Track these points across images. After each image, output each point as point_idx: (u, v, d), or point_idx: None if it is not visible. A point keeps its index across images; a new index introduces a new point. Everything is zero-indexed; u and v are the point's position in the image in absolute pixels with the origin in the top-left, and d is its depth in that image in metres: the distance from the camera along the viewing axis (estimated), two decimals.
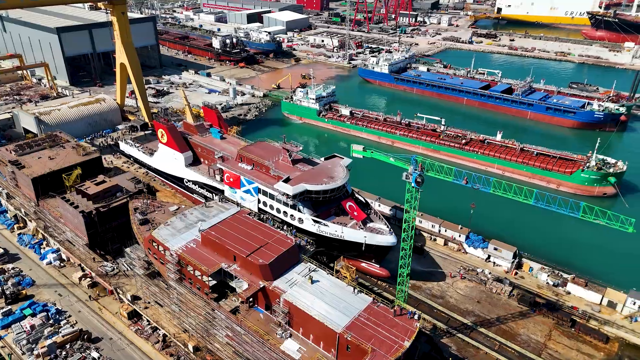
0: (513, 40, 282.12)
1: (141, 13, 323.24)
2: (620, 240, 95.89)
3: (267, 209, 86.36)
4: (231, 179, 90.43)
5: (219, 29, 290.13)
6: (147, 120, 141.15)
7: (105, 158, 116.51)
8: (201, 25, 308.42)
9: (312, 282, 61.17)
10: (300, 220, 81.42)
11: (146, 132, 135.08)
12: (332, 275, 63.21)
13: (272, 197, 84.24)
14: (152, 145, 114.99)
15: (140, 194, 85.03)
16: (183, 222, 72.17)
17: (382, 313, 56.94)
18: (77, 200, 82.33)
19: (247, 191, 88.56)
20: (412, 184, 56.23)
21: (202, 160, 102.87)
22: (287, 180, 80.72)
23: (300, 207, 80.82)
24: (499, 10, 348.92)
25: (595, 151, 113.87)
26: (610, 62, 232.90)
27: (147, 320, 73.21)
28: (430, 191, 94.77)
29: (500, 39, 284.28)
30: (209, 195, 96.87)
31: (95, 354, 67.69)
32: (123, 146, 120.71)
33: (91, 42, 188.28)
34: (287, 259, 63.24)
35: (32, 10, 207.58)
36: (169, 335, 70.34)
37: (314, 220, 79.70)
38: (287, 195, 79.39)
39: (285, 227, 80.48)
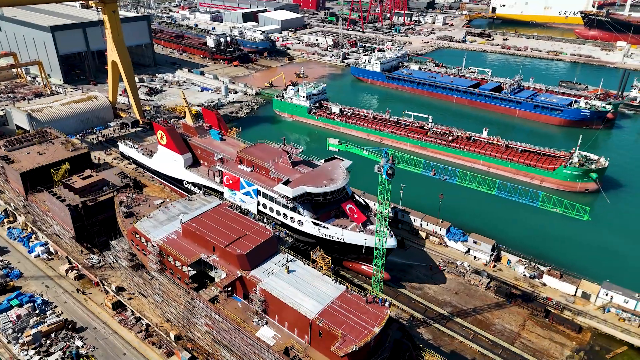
0: (506, 39, 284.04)
1: (137, 12, 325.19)
2: (595, 233, 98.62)
3: (267, 211, 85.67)
4: (231, 181, 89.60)
5: (213, 28, 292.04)
6: (138, 117, 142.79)
7: (95, 154, 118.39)
8: (196, 25, 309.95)
9: (289, 271, 62.97)
10: (300, 223, 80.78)
11: (137, 129, 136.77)
12: (309, 266, 65.03)
13: (271, 199, 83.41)
14: (151, 147, 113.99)
15: (126, 188, 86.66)
16: (166, 214, 73.99)
17: (355, 301, 58.73)
18: (64, 194, 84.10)
19: (247, 193, 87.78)
20: (384, 176, 57.98)
21: (201, 162, 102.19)
22: (287, 183, 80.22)
23: (300, 210, 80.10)
24: (494, 9, 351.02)
25: (577, 148, 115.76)
26: (602, 61, 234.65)
27: (131, 311, 74.90)
28: (414, 187, 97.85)
29: (493, 38, 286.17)
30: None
31: (79, 343, 69.47)
32: (122, 147, 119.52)
33: (85, 41, 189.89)
34: (264, 249, 65.04)
35: (27, 9, 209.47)
36: (151, 325, 72.07)
37: (314, 223, 79.06)
38: (287, 197, 78.50)
39: (266, 221, 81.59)
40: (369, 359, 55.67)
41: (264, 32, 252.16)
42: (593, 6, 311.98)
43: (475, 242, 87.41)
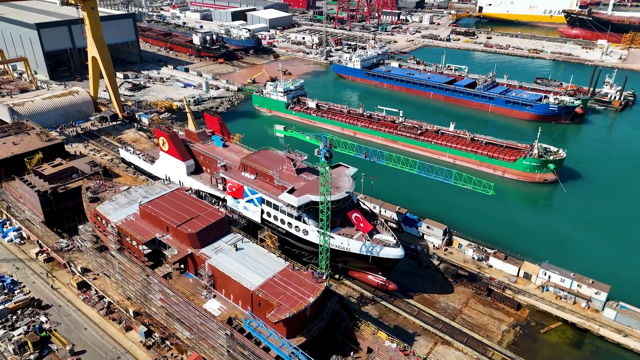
0: (490, 38, 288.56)
1: (128, 10, 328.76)
2: (547, 220, 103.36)
3: (271, 219, 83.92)
4: (234, 189, 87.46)
5: (201, 26, 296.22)
6: (118, 111, 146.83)
7: (74, 146, 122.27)
8: (184, 23, 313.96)
9: (237, 249, 67.14)
10: (305, 232, 79.30)
11: (116, 122, 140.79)
12: (257, 244, 69.27)
13: (276, 207, 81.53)
14: (153, 153, 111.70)
15: (95, 176, 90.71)
16: (127, 198, 78.14)
17: (295, 275, 62.90)
18: (35, 181, 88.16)
19: (251, 201, 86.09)
20: (322, 159, 62.27)
21: (204, 168, 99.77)
22: (291, 191, 78.83)
23: (305, 219, 78.56)
24: (481, 9, 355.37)
25: (538, 140, 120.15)
26: (581, 59, 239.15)
27: (95, 290, 79.13)
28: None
29: (477, 37, 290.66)
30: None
31: (43, 319, 73.67)
32: (123, 153, 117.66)
33: (70, 38, 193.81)
34: (215, 229, 69.19)
35: (13, 7, 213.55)
36: (113, 303, 76.32)
37: (319, 232, 76.03)
38: (292, 206, 76.61)
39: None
40: (306, 327, 59.84)
41: (249, 30, 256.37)
42: (577, 5, 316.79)
43: (428, 227, 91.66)
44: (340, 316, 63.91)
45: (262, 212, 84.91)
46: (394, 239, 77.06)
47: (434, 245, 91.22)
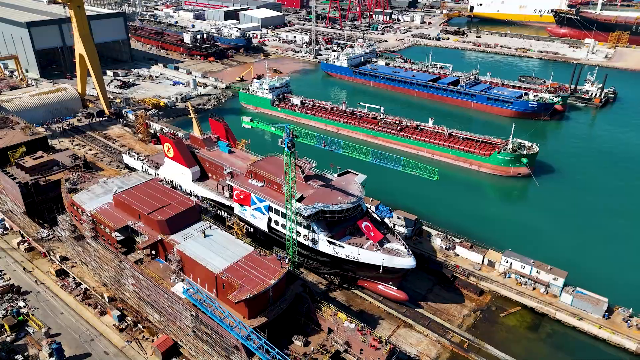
0: (479, 37, 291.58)
1: (121, 10, 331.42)
2: (509, 209, 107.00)
3: (279, 228, 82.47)
4: (241, 196, 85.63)
5: (192, 25, 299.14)
6: (104, 108, 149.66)
7: (60, 141, 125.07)
8: (176, 22, 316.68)
9: (205, 236, 70.09)
10: (314, 241, 78.12)
11: (102, 118, 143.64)
12: (226, 232, 72.23)
13: (284, 216, 79.35)
14: (157, 159, 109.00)
15: (75, 168, 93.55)
16: (103, 188, 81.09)
17: (259, 259, 65.80)
18: (16, 173, 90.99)
19: (258, 209, 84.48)
20: (285, 148, 65.27)
21: (210, 175, 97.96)
22: (300, 199, 77.65)
23: (315, 228, 77.30)
24: (472, 8, 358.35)
25: (512, 135, 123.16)
26: (567, 58, 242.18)
27: (73, 277, 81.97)
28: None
29: (467, 36, 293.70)
30: (217, 212, 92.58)
31: (21, 304, 76.50)
32: (127, 159, 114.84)
33: (61, 36, 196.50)
34: (185, 217, 72.16)
35: (4, 5, 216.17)
36: (89, 289, 79.22)
37: (329, 242, 76.56)
38: (301, 215, 75.34)
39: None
40: (268, 307, 62.75)
41: (240, 29, 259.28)
42: (567, 5, 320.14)
43: (399, 218, 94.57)
44: (302, 299, 66.83)
45: (270, 220, 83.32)
46: (405, 248, 76.27)
47: (405, 236, 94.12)
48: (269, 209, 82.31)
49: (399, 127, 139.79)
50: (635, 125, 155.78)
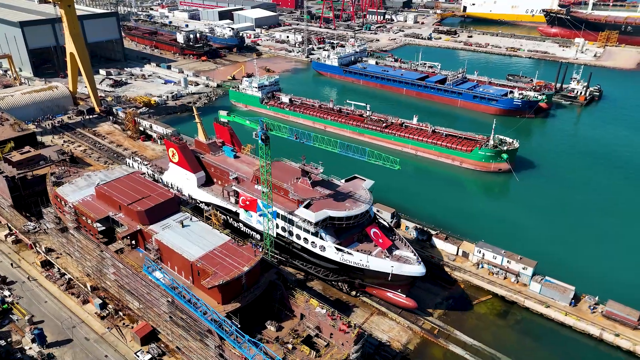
0: (471, 36, 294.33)
1: (117, 10, 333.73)
2: (488, 203, 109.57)
3: (286, 234, 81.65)
4: (247, 202, 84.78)
5: (186, 25, 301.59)
6: (95, 106, 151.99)
7: (50, 138, 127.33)
8: (170, 22, 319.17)
9: (183, 226, 72.38)
10: (322, 248, 77.13)
11: (92, 116, 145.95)
12: (204, 222, 74.64)
13: (291, 222, 79.12)
14: (161, 164, 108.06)
15: (61, 163, 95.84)
16: (86, 181, 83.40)
17: (234, 248, 68.09)
18: (4, 168, 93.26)
19: (264, 215, 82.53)
20: (259, 141, 67.74)
21: (215, 180, 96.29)
22: (308, 206, 76.66)
23: (323, 235, 76.30)
24: (465, 8, 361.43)
25: (493, 131, 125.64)
26: (556, 57, 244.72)
27: (58, 268, 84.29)
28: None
29: (459, 35, 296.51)
30: (223, 217, 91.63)
31: (6, 292, 78.84)
32: (131, 164, 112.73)
33: (54, 36, 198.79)
34: (164, 208, 74.49)
35: None
36: (73, 279, 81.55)
37: (337, 249, 75.67)
38: (309, 222, 74.54)
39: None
40: (241, 293, 65.04)
41: (233, 28, 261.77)
42: (559, 5, 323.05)
43: (378, 211, 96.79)
44: (276, 286, 69.14)
45: (277, 226, 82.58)
46: (414, 255, 75.59)
47: None
48: (277, 215, 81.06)
49: (384, 125, 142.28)
50: (617, 123, 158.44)
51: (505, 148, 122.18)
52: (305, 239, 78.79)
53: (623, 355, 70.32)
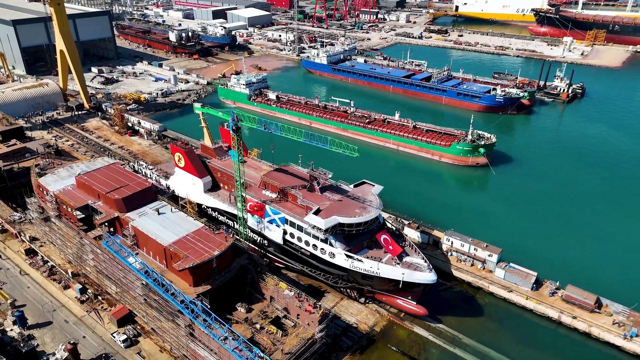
0: (461, 35, 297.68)
1: (112, 9, 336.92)
2: (464, 195, 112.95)
3: (295, 240, 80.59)
4: (255, 208, 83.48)
5: (179, 24, 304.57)
6: (84, 102, 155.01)
7: (39, 133, 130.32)
8: (164, 21, 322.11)
9: (159, 213, 75.47)
10: (332, 255, 76.09)
11: (81, 112, 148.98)
12: (179, 210, 77.77)
13: (300, 228, 78.25)
14: (167, 168, 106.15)
15: (46, 155, 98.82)
16: (68, 172, 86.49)
17: (207, 234, 71.24)
18: None
19: (273, 221, 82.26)
20: (231, 132, 70.86)
21: (221, 185, 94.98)
22: (317, 212, 75.41)
23: (332, 241, 75.24)
24: (457, 8, 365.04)
25: (471, 126, 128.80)
26: (543, 55, 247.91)
27: (41, 256, 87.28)
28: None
29: (449, 35, 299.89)
30: (230, 223, 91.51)
31: None
32: (136, 168, 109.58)
33: (47, 34, 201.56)
34: (141, 196, 77.62)
35: None
36: (55, 266, 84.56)
37: (347, 255, 74.67)
38: (319, 228, 73.62)
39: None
40: (212, 276, 68.11)
41: (225, 27, 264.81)
42: (549, 4, 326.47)
43: None
44: (248, 270, 72.25)
45: (285, 232, 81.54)
46: (425, 261, 74.63)
47: None
48: (285, 221, 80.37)
49: (367, 121, 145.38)
50: (597, 119, 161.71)
51: (482, 143, 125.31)
52: (315, 246, 77.68)
53: (579, 337, 73.48)
